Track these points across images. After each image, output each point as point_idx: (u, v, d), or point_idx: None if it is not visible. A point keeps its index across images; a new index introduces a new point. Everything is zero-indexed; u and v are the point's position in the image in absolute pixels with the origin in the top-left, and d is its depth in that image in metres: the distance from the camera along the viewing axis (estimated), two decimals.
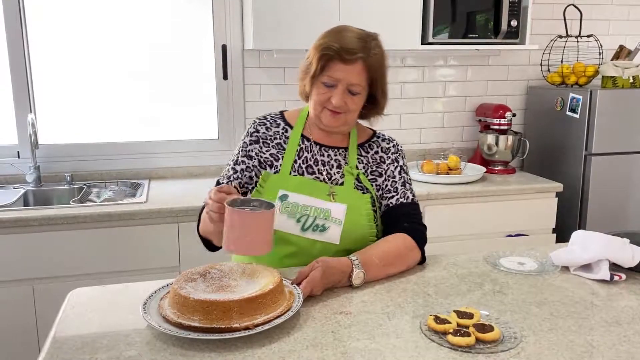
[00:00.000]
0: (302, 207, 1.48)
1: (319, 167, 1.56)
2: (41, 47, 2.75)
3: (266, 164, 1.56)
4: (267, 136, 1.58)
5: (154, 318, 1.14)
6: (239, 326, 1.09)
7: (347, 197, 1.52)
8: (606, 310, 1.24)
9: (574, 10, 3.09)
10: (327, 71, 1.46)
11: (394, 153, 1.63)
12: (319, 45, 1.47)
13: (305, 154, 1.57)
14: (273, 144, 1.57)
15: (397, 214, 1.55)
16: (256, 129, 1.59)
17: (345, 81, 1.45)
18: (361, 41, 1.46)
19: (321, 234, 1.48)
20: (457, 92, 3.26)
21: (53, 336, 1.13)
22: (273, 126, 1.60)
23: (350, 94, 1.48)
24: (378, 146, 1.63)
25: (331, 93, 1.47)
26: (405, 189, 1.59)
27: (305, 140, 1.58)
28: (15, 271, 2.22)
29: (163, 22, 2.86)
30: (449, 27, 2.79)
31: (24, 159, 2.73)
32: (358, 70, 1.45)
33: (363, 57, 1.45)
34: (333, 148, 1.59)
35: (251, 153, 1.57)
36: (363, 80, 1.47)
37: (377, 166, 1.60)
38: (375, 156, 1.61)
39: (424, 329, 1.14)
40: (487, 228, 2.73)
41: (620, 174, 2.90)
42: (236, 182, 1.54)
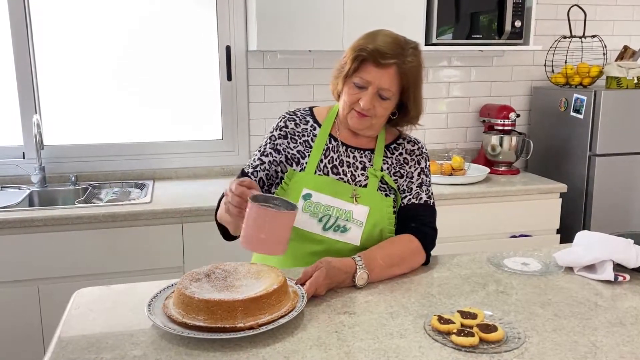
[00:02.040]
0: (324, 207, 1.49)
1: (344, 168, 1.56)
2: (46, 48, 2.76)
3: (293, 160, 1.56)
4: (295, 132, 1.58)
5: (158, 318, 1.15)
6: (243, 326, 1.09)
7: (370, 199, 1.52)
8: (610, 311, 1.24)
9: (578, 10, 3.09)
10: (359, 72, 1.46)
11: (418, 155, 1.62)
12: (356, 46, 1.47)
13: (331, 154, 1.56)
14: (301, 141, 1.57)
15: (407, 215, 1.55)
16: (285, 124, 1.59)
17: (376, 84, 1.44)
18: (398, 47, 1.44)
19: (342, 234, 1.49)
20: (461, 93, 3.26)
21: (58, 336, 1.14)
22: (302, 123, 1.59)
23: (380, 98, 1.46)
24: (403, 148, 1.61)
25: (361, 95, 1.46)
26: (420, 190, 1.58)
27: (333, 140, 1.58)
28: (20, 271, 2.23)
29: (167, 24, 2.87)
30: (453, 27, 2.79)
31: (29, 159, 2.74)
32: (390, 75, 1.44)
33: (397, 63, 1.43)
34: (359, 150, 1.58)
35: (279, 147, 1.57)
36: (394, 86, 1.46)
37: (400, 167, 1.59)
38: (399, 157, 1.60)
39: (427, 329, 1.14)
40: (490, 229, 2.73)
41: (624, 174, 2.89)
42: (263, 174, 1.55)
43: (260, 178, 1.55)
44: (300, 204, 1.48)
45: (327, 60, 3.00)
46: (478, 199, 2.69)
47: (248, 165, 1.59)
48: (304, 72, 2.99)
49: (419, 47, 1.51)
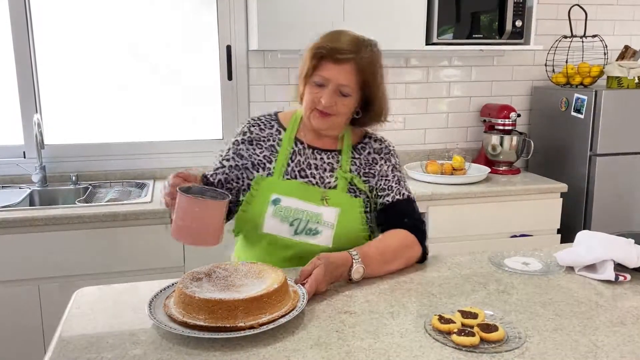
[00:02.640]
0: (294, 211, 1.49)
1: (312, 170, 1.56)
2: (47, 48, 2.76)
3: (259, 166, 1.56)
4: (260, 137, 1.58)
5: (159, 317, 1.15)
6: (244, 325, 1.09)
7: (340, 201, 1.52)
8: (611, 311, 1.24)
9: (578, 10, 3.09)
10: (318, 71, 1.46)
11: (386, 153, 1.62)
12: (314, 46, 1.48)
13: (298, 157, 1.56)
14: (266, 146, 1.57)
15: (395, 212, 1.55)
16: (249, 130, 1.59)
17: (335, 81, 1.45)
18: (355, 44, 1.47)
19: (313, 237, 1.49)
20: (461, 93, 3.26)
21: (59, 335, 1.14)
22: (267, 127, 1.60)
23: (341, 95, 1.47)
24: (370, 147, 1.62)
25: (321, 93, 1.47)
26: (399, 186, 1.59)
27: (299, 143, 1.58)
28: (21, 271, 2.23)
29: (168, 23, 2.87)
30: (454, 27, 2.79)
31: (29, 159, 2.74)
32: (348, 71, 1.45)
33: (354, 58, 1.45)
34: (326, 151, 1.58)
35: (243, 153, 1.57)
36: (353, 82, 1.47)
37: (369, 168, 1.59)
38: (367, 157, 1.60)
39: (428, 329, 1.14)
40: (491, 228, 2.72)
41: (625, 174, 2.89)
42: (222, 177, 1.55)
43: (218, 180, 1.55)
44: (270, 210, 1.49)
45: None
46: (478, 199, 2.69)
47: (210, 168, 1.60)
48: None
49: (378, 46, 1.53)
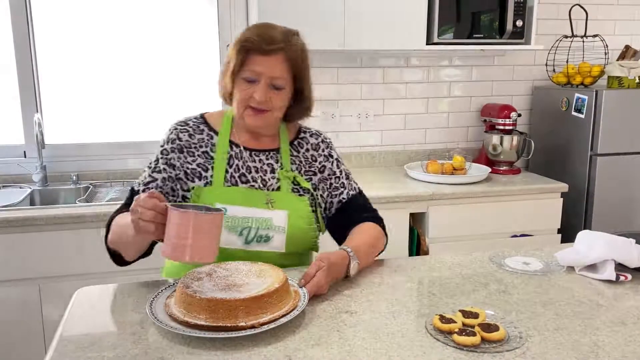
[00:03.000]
0: (242, 220, 1.41)
1: (253, 174, 1.48)
2: (47, 47, 2.76)
3: (194, 175, 1.45)
4: (191, 144, 1.47)
5: (160, 317, 1.15)
6: (245, 325, 1.09)
7: (286, 202, 1.47)
8: (612, 311, 1.24)
9: (579, 10, 3.08)
10: (247, 65, 1.39)
11: (325, 148, 1.59)
12: (238, 40, 1.41)
13: (236, 162, 1.48)
14: (199, 153, 1.47)
15: (353, 207, 1.56)
16: (178, 137, 1.47)
17: (268, 74, 1.39)
18: (280, 34, 1.41)
19: (266, 244, 1.43)
20: (462, 92, 3.26)
21: (60, 335, 1.14)
22: (196, 133, 1.49)
23: (274, 89, 1.41)
24: (307, 143, 1.58)
25: (254, 89, 1.40)
26: (349, 180, 1.59)
27: (234, 146, 1.49)
28: (22, 270, 2.23)
29: (169, 22, 2.87)
30: (454, 27, 2.79)
31: (30, 158, 2.74)
32: (279, 62, 1.39)
33: (283, 48, 1.39)
34: (264, 152, 1.51)
35: (174, 162, 1.45)
36: (285, 73, 1.41)
37: (309, 165, 1.55)
38: (306, 154, 1.56)
39: (429, 329, 1.14)
40: (492, 228, 2.72)
41: (625, 174, 2.89)
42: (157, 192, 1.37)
43: None
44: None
45: (328, 59, 3.00)
46: (479, 199, 2.69)
47: (138, 183, 1.46)
48: None
49: (300, 34, 1.47)
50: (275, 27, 1.44)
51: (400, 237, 2.59)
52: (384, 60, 3.11)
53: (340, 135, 3.11)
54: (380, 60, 3.10)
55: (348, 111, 3.11)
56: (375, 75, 3.11)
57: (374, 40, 2.71)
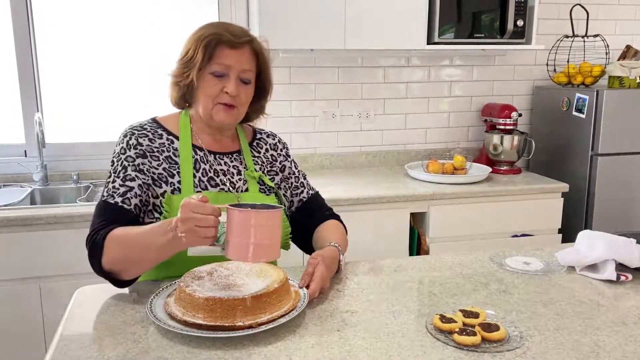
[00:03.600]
0: None
1: (221, 177, 1.46)
2: (48, 47, 2.76)
3: (161, 180, 1.39)
4: (152, 149, 1.41)
5: (159, 315, 1.15)
6: (242, 325, 1.09)
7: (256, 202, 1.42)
8: (612, 311, 1.24)
9: (580, 10, 3.08)
10: (216, 59, 1.37)
11: (282, 148, 1.62)
12: (200, 36, 1.37)
13: (202, 166, 1.44)
14: (162, 157, 1.41)
15: (313, 206, 1.61)
16: (138, 142, 1.40)
17: (237, 67, 1.38)
18: (243, 29, 1.43)
19: None
20: (462, 92, 3.26)
21: (60, 334, 1.14)
22: (156, 137, 1.43)
23: (243, 84, 1.41)
24: (266, 143, 1.59)
25: (223, 83, 1.38)
26: (306, 181, 1.64)
27: (198, 150, 1.45)
28: (22, 269, 2.23)
29: (169, 22, 2.87)
30: (455, 26, 2.79)
31: (30, 157, 2.74)
32: (247, 55, 1.40)
33: (251, 41, 1.41)
34: (227, 154, 1.50)
35: (142, 167, 1.38)
36: (253, 67, 1.43)
37: (270, 165, 1.57)
38: (266, 154, 1.58)
39: (429, 328, 1.14)
40: (492, 228, 2.72)
41: (626, 174, 2.88)
42: (137, 200, 1.34)
43: (135, 205, 1.34)
44: None
45: (329, 58, 3.00)
46: (480, 199, 2.69)
47: (109, 196, 1.34)
48: (306, 70, 2.99)
49: None
50: (232, 24, 1.46)
51: (401, 237, 2.58)
52: (385, 60, 3.11)
53: (340, 134, 3.11)
54: (381, 60, 3.10)
55: (349, 111, 3.10)
56: (376, 74, 3.10)
57: (374, 39, 2.71)
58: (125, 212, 1.32)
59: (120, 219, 1.30)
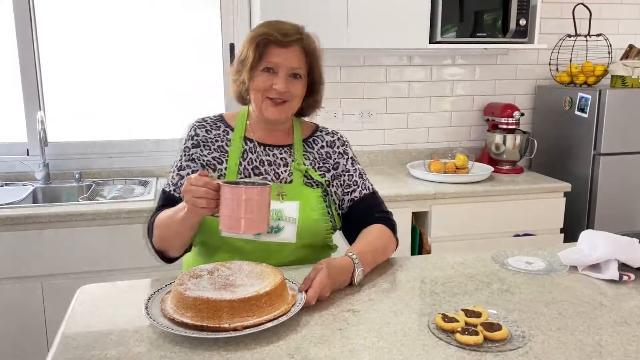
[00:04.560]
0: None
1: (266, 167, 1.52)
2: (51, 45, 2.76)
3: (209, 167, 1.51)
4: (207, 139, 1.53)
5: (153, 311, 1.15)
6: (227, 326, 1.08)
7: (298, 194, 1.49)
8: (615, 310, 1.24)
9: (583, 9, 3.08)
10: (266, 57, 1.44)
11: (341, 146, 1.62)
12: (253, 36, 1.45)
13: (250, 156, 1.53)
14: (215, 147, 1.53)
15: (365, 207, 1.56)
16: (196, 132, 1.54)
17: (286, 65, 1.44)
18: (295, 28, 1.47)
19: (276, 235, 1.45)
20: (464, 91, 3.25)
21: (63, 332, 1.14)
22: (213, 129, 1.55)
23: (293, 78, 1.46)
24: (322, 140, 1.61)
25: (272, 80, 1.44)
26: (363, 179, 1.60)
27: (248, 141, 1.54)
28: (24, 268, 2.23)
29: (171, 21, 2.87)
30: (457, 26, 2.79)
31: (33, 156, 2.75)
32: (297, 53, 1.45)
33: (300, 40, 1.45)
34: (278, 147, 1.55)
35: (194, 157, 1.52)
36: (303, 64, 1.47)
37: (323, 161, 1.58)
38: (321, 151, 1.59)
39: (431, 328, 1.14)
40: (494, 228, 2.72)
41: (629, 174, 2.88)
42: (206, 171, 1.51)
43: None
44: None
45: (330, 58, 2.99)
46: (482, 198, 2.68)
47: (168, 184, 1.52)
48: None
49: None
50: (285, 22, 1.49)
51: (403, 236, 2.57)
52: (387, 59, 3.11)
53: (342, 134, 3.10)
54: (383, 59, 3.10)
55: (350, 110, 3.10)
56: (377, 74, 3.10)
57: (376, 39, 2.71)
58: (176, 200, 1.46)
59: (172, 206, 1.42)
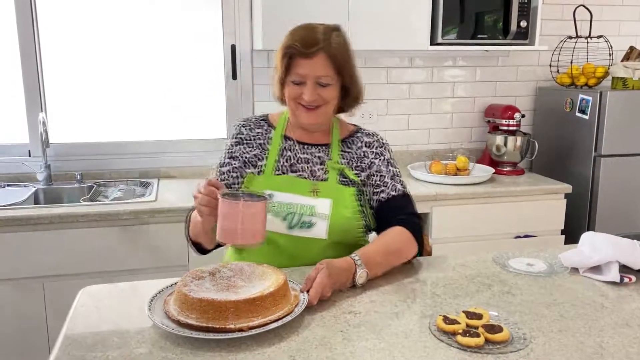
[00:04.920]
0: (287, 205, 1.50)
1: (302, 164, 1.57)
2: (52, 47, 2.77)
3: (250, 163, 1.58)
4: (250, 137, 1.61)
5: (157, 313, 1.15)
6: (233, 327, 1.08)
7: (331, 191, 1.52)
8: (616, 312, 1.24)
9: (583, 10, 3.08)
10: (292, 69, 1.48)
11: (378, 147, 1.63)
12: (282, 47, 1.50)
13: (288, 153, 1.58)
14: (256, 144, 1.60)
15: (390, 208, 1.55)
16: (239, 131, 1.62)
17: (312, 75, 1.47)
18: (318, 34, 1.48)
19: (308, 230, 1.49)
20: (465, 93, 3.25)
21: (65, 333, 1.14)
22: (256, 127, 1.62)
23: (321, 86, 1.49)
24: (361, 141, 1.63)
25: (301, 89, 1.49)
26: (394, 181, 1.59)
27: (287, 140, 1.60)
28: (26, 269, 2.24)
29: (173, 22, 2.88)
30: (458, 27, 2.79)
31: (35, 157, 2.75)
32: (321, 62, 1.47)
33: (323, 48, 1.46)
34: (315, 145, 1.60)
35: (235, 154, 1.59)
36: (330, 71, 1.48)
37: (360, 161, 1.60)
38: (358, 151, 1.61)
39: (433, 329, 1.14)
40: (495, 229, 2.72)
41: (629, 175, 2.88)
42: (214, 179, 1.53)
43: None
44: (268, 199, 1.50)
45: None
46: (482, 199, 2.69)
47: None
48: None
49: (341, 28, 1.55)
50: (315, 27, 1.51)
51: None
52: (388, 60, 3.11)
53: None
54: (384, 61, 3.10)
55: None
56: (378, 75, 3.10)
57: (377, 40, 2.71)
58: None
59: None
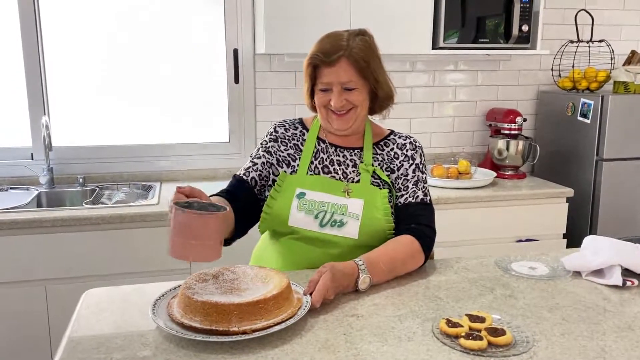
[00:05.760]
0: (319, 204, 1.52)
1: (335, 166, 1.60)
2: (56, 50, 2.78)
3: (283, 162, 1.61)
4: (285, 136, 1.64)
5: (161, 316, 1.15)
6: (236, 330, 1.09)
7: (364, 192, 1.54)
8: (618, 316, 1.24)
9: (585, 15, 3.08)
10: (318, 78, 1.53)
11: (410, 150, 1.63)
12: (308, 57, 1.53)
13: (321, 155, 1.61)
14: (291, 144, 1.63)
15: (405, 214, 1.54)
16: (275, 130, 1.66)
17: (337, 82, 1.50)
18: (339, 40, 1.50)
19: (339, 229, 1.51)
20: (467, 97, 3.26)
21: (68, 336, 1.14)
22: (292, 128, 1.66)
23: (348, 91, 1.51)
24: (394, 143, 1.64)
25: (329, 97, 1.52)
26: (416, 188, 1.57)
27: (321, 142, 1.63)
28: (28, 272, 2.24)
29: (176, 26, 2.89)
30: (460, 31, 2.80)
31: (37, 160, 2.75)
32: (344, 68, 1.49)
33: (343, 54, 1.48)
34: (348, 149, 1.62)
35: (270, 150, 1.63)
36: (353, 76, 1.50)
37: (390, 162, 1.61)
38: (390, 153, 1.63)
39: (436, 332, 1.14)
40: (497, 233, 2.72)
41: (631, 179, 2.88)
42: (255, 174, 1.59)
43: (252, 178, 1.59)
44: (295, 204, 1.52)
45: None
46: (484, 203, 2.69)
47: (239, 170, 1.64)
48: None
49: (366, 32, 1.57)
50: (339, 35, 1.53)
51: None
52: (389, 64, 3.06)
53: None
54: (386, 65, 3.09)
55: None
56: None
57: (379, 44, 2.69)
58: (242, 182, 1.59)
59: (237, 188, 1.57)
